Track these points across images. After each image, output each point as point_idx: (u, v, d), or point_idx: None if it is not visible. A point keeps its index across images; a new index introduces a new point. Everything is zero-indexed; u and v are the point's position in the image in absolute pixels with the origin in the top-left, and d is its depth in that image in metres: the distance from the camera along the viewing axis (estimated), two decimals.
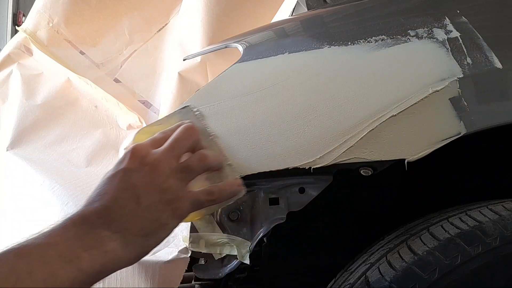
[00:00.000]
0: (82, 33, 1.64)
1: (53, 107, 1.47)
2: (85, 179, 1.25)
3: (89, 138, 1.41)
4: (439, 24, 0.93)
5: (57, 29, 1.60)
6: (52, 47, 1.59)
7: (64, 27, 1.60)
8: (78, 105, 1.51)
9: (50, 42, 1.59)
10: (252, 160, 0.86)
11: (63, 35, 1.61)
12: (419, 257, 0.85)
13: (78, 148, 1.38)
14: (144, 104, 1.62)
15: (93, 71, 1.62)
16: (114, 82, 1.65)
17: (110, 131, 1.47)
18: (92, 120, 1.48)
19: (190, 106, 0.87)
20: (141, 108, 1.61)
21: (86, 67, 1.62)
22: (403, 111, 0.86)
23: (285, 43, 0.96)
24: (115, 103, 1.51)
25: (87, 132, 1.43)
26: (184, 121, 0.81)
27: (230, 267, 0.89)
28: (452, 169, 1.20)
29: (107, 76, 1.64)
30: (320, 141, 0.85)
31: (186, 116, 0.86)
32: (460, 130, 0.86)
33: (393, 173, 0.91)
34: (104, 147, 1.40)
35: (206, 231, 0.89)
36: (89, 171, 1.30)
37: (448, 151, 0.90)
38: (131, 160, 0.71)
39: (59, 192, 1.18)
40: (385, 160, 0.87)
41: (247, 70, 0.91)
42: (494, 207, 0.91)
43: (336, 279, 0.97)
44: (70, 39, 1.62)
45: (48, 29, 1.58)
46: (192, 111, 0.86)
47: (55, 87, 1.51)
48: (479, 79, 0.89)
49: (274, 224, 0.87)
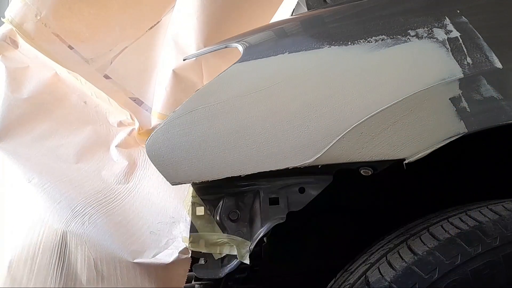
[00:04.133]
0: (71, 28, 1.59)
1: (40, 101, 1.43)
2: (76, 176, 1.23)
3: (78, 134, 1.39)
4: (439, 24, 0.93)
5: (45, 22, 1.54)
6: (39, 41, 1.53)
7: (53, 20, 1.55)
8: (66, 100, 1.48)
9: (37, 35, 1.53)
10: (252, 160, 0.86)
11: (51, 28, 1.55)
12: (419, 257, 0.85)
13: (67, 144, 1.35)
14: (136, 102, 1.59)
15: (83, 66, 1.57)
16: (104, 79, 1.60)
17: (100, 128, 1.44)
18: (81, 116, 1.46)
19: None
20: (132, 105, 1.57)
21: (75, 62, 1.57)
22: (403, 111, 0.86)
23: (285, 43, 0.96)
24: (106, 99, 1.48)
25: (76, 128, 1.41)
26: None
27: (230, 267, 0.89)
28: (452, 169, 1.20)
29: (96, 72, 1.58)
30: (320, 141, 0.85)
31: None
32: (460, 130, 0.86)
33: (393, 173, 0.92)
34: (94, 144, 1.37)
35: (206, 231, 0.89)
36: (79, 167, 1.28)
37: (448, 151, 0.90)
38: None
39: (51, 190, 1.16)
40: (385, 160, 0.87)
41: (247, 70, 0.91)
42: (494, 207, 0.91)
43: (336, 279, 0.97)
44: (59, 33, 1.57)
45: (35, 21, 1.53)
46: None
47: (42, 81, 1.48)
48: (479, 79, 0.89)
49: (274, 224, 0.87)
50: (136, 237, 1.06)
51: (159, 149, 0.88)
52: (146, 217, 1.13)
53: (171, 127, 0.88)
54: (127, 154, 1.36)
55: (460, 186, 1.19)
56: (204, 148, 0.87)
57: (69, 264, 1.03)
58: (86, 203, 1.12)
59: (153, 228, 1.09)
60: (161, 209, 1.15)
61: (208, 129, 0.87)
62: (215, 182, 0.88)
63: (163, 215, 1.13)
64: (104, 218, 1.09)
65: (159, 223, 1.10)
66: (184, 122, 0.88)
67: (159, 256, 1.01)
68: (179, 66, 1.41)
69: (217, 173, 0.87)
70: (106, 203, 1.15)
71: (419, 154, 0.87)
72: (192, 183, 0.89)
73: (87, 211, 1.10)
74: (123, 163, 1.31)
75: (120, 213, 1.13)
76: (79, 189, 1.18)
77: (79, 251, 1.04)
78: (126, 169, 1.29)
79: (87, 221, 1.08)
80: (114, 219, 1.11)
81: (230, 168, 0.87)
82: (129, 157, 1.34)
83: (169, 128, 0.88)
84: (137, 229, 1.09)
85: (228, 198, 0.91)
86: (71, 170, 1.26)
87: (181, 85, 1.41)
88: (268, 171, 0.86)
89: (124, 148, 1.38)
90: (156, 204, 1.17)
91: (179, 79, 1.41)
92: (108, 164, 1.31)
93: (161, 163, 0.88)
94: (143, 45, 1.66)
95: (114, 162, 1.32)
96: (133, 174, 1.29)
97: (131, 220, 1.12)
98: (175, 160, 0.88)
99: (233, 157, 0.86)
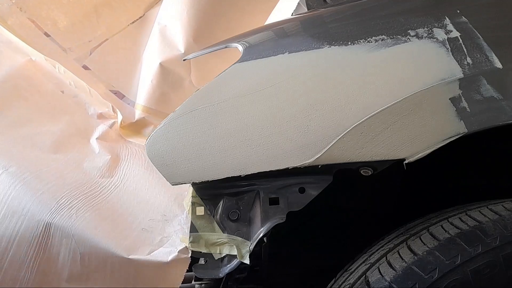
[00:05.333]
0: (48, 14, 1.56)
1: (14, 86, 1.37)
2: (56, 167, 1.19)
3: (55, 123, 1.34)
4: (439, 24, 0.93)
5: (21, 6, 1.52)
6: (14, 25, 1.51)
7: (29, 5, 1.52)
8: (42, 88, 1.43)
9: (11, 19, 1.51)
10: (252, 160, 0.86)
11: (27, 13, 1.53)
12: (419, 257, 0.85)
13: (43, 133, 1.30)
14: (116, 95, 1.55)
15: (59, 55, 1.55)
16: (83, 69, 1.58)
17: (79, 119, 1.40)
18: (58, 105, 1.41)
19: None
20: (113, 98, 1.56)
21: (51, 50, 1.54)
22: (403, 111, 0.86)
23: (285, 43, 0.96)
24: (86, 90, 1.45)
25: (53, 117, 1.36)
26: None
27: (230, 267, 0.89)
28: (452, 169, 1.20)
29: (75, 61, 1.57)
30: (320, 141, 0.85)
31: None
32: (460, 130, 0.87)
33: (393, 173, 0.92)
34: (72, 135, 1.34)
35: (206, 231, 0.89)
36: (58, 158, 1.24)
37: (448, 151, 0.90)
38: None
39: (31, 180, 1.10)
40: (385, 160, 0.87)
41: (247, 70, 0.91)
42: (494, 207, 0.91)
43: (336, 279, 0.97)
44: (35, 19, 1.54)
45: (10, 5, 1.50)
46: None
47: (15, 66, 1.43)
48: (479, 79, 0.89)
49: (274, 224, 0.87)
50: (128, 233, 1.03)
51: (159, 149, 0.88)
52: (136, 213, 1.10)
53: (171, 127, 0.88)
54: (109, 147, 1.33)
55: (460, 186, 1.19)
56: (204, 148, 0.87)
57: (48, 258, 0.98)
58: (72, 196, 1.08)
59: (145, 225, 1.06)
60: (151, 206, 1.12)
61: (208, 129, 0.87)
62: (215, 182, 0.88)
63: (153, 212, 1.10)
64: (92, 212, 1.05)
65: (150, 220, 1.08)
66: (184, 122, 0.88)
67: (155, 253, 0.99)
68: (166, 59, 1.40)
69: (217, 173, 0.87)
70: (92, 197, 1.11)
71: (419, 154, 0.87)
72: (192, 183, 0.90)
73: (74, 204, 1.06)
74: (105, 157, 1.28)
75: (108, 208, 1.09)
76: (61, 181, 1.13)
77: (63, 244, 0.99)
78: (109, 163, 1.26)
79: (75, 214, 1.03)
80: (102, 213, 1.07)
81: (230, 168, 0.87)
82: (111, 151, 1.31)
83: (169, 128, 0.88)
84: (128, 225, 1.05)
85: (228, 198, 0.91)
86: (49, 160, 1.21)
87: (168, 79, 1.39)
88: (268, 171, 0.86)
89: (105, 141, 1.35)
90: (145, 201, 1.14)
91: (166, 72, 1.40)
92: (90, 157, 1.28)
93: (161, 163, 0.88)
94: (125, 39, 1.63)
95: (95, 155, 1.29)
96: (116, 168, 1.26)
97: (120, 215, 1.08)
98: (175, 160, 0.88)
99: (233, 157, 0.86)
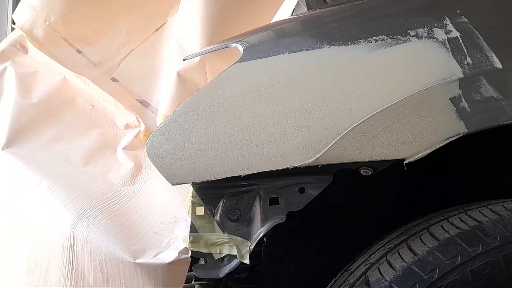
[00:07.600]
0: (79, 32, 1.63)
1: (49, 106, 1.46)
2: (83, 179, 1.25)
3: (86, 137, 1.41)
4: (439, 24, 0.93)
5: (54, 27, 1.59)
6: (48, 46, 1.58)
7: (61, 25, 1.59)
8: (74, 104, 1.50)
9: (46, 40, 1.58)
10: (252, 160, 0.86)
11: (60, 33, 1.60)
12: (419, 257, 0.85)
13: (75, 148, 1.37)
14: (142, 103, 1.62)
15: (91, 69, 1.61)
16: (112, 81, 1.64)
17: (107, 131, 1.46)
18: (89, 119, 1.48)
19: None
20: (139, 108, 1.60)
21: (83, 65, 1.61)
22: (403, 111, 0.86)
23: (285, 43, 0.96)
24: (113, 102, 1.50)
25: (84, 132, 1.43)
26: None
27: (230, 267, 0.89)
28: (452, 169, 1.20)
29: (104, 75, 1.63)
30: (320, 140, 0.85)
31: None
32: (460, 130, 0.87)
33: (393, 173, 0.92)
34: (101, 147, 1.39)
35: (206, 231, 0.89)
36: (87, 170, 1.30)
37: (448, 151, 0.90)
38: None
39: (58, 193, 1.18)
40: (385, 160, 0.87)
41: (247, 70, 0.91)
42: (494, 207, 0.91)
43: (336, 279, 0.97)
44: (67, 38, 1.61)
45: (44, 27, 1.57)
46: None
47: (51, 86, 1.51)
48: (479, 79, 0.89)
49: (274, 224, 0.87)
50: (139, 238, 1.08)
51: (159, 149, 0.88)
52: (150, 218, 1.14)
53: (171, 127, 0.88)
54: (133, 156, 1.37)
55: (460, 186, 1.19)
56: (204, 148, 0.87)
57: (77, 266, 1.05)
58: (91, 205, 1.13)
59: (156, 228, 1.10)
60: (164, 209, 1.16)
61: (208, 129, 0.87)
62: (215, 182, 0.88)
63: (166, 215, 1.15)
64: (108, 220, 1.10)
65: (162, 223, 1.12)
66: (184, 122, 0.88)
67: (160, 256, 1.01)
68: (183, 68, 1.43)
69: (217, 173, 0.87)
70: (111, 205, 1.16)
71: (419, 154, 0.87)
72: (192, 183, 0.90)
73: (92, 213, 1.11)
74: (129, 165, 1.32)
75: (124, 215, 1.14)
76: (85, 192, 1.19)
77: (85, 253, 1.06)
78: (132, 171, 1.31)
79: (91, 223, 1.09)
80: (117, 220, 1.12)
81: (230, 168, 0.87)
82: (135, 159, 1.36)
83: (169, 128, 0.88)
84: (140, 230, 1.10)
85: (228, 198, 0.91)
86: (78, 173, 1.27)
87: (185, 87, 1.42)
88: (268, 171, 0.86)
89: (131, 150, 1.40)
90: (159, 205, 1.19)
91: (183, 81, 1.42)
92: (115, 167, 1.33)
93: (161, 163, 0.88)
94: (150, 47, 1.70)
95: (120, 164, 1.34)
96: (138, 176, 1.30)
97: (134, 221, 1.13)
98: (175, 160, 0.88)
99: (233, 157, 0.86)
